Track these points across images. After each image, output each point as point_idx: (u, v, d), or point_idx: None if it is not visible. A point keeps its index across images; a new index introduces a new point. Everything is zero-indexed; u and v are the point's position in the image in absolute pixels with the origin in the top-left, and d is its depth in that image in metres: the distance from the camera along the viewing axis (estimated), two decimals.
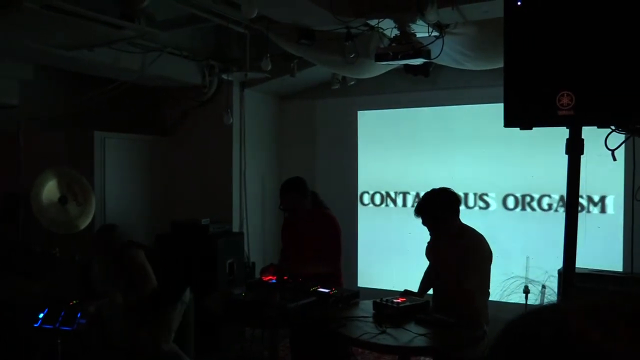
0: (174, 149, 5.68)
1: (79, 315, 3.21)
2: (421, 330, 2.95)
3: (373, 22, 3.64)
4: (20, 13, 3.19)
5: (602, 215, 4.85)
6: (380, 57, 3.56)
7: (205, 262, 4.92)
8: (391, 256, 5.77)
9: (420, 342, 2.83)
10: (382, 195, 5.91)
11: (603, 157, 2.00)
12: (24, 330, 3.50)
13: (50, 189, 4.15)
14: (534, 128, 1.93)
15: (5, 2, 3.10)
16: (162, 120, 5.78)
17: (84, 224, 4.28)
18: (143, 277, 3.78)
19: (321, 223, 3.81)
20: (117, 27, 3.80)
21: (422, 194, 3.58)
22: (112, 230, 3.90)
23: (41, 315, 3.23)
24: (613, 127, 1.89)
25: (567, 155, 1.96)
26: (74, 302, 3.31)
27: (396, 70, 4.88)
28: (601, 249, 4.62)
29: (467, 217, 3.53)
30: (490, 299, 3.38)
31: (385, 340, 2.83)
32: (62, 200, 4.20)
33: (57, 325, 3.19)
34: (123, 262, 3.80)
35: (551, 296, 4.60)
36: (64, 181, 4.22)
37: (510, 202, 5.29)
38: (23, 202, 4.29)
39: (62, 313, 3.21)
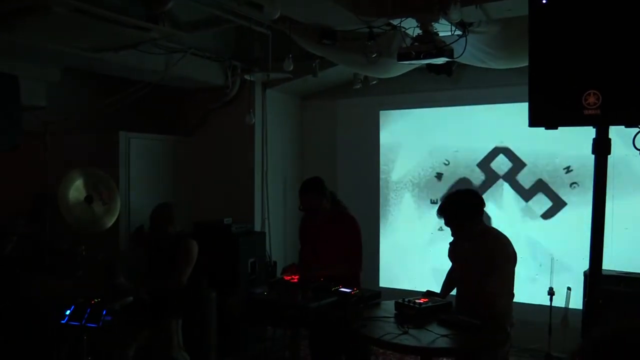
0: (197, 149, 5.74)
1: (104, 312, 3.26)
2: (443, 331, 2.92)
3: (395, 22, 3.62)
4: (49, 17, 3.26)
5: (629, 216, 4.74)
6: (403, 56, 3.54)
7: (227, 261, 4.96)
8: (413, 256, 5.74)
9: (442, 343, 2.80)
10: (403, 194, 5.87)
11: (630, 156, 1.96)
12: (51, 326, 3.57)
13: (76, 189, 4.22)
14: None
15: (35, 7, 3.16)
16: (185, 121, 5.84)
17: (110, 223, 4.35)
18: (185, 269, 3.85)
19: (341, 223, 3.81)
20: (143, 30, 3.85)
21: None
22: (171, 207, 4.01)
23: (68, 312, 3.28)
24: None
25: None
26: (96, 300, 3.36)
27: (418, 69, 4.85)
28: (628, 251, 4.53)
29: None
30: (514, 300, 3.33)
31: (407, 341, 2.81)
32: (88, 199, 4.27)
33: (83, 322, 3.24)
34: (178, 248, 3.88)
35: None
36: (90, 181, 4.29)
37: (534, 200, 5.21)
38: (50, 202, 4.37)
39: (88, 310, 3.27)
